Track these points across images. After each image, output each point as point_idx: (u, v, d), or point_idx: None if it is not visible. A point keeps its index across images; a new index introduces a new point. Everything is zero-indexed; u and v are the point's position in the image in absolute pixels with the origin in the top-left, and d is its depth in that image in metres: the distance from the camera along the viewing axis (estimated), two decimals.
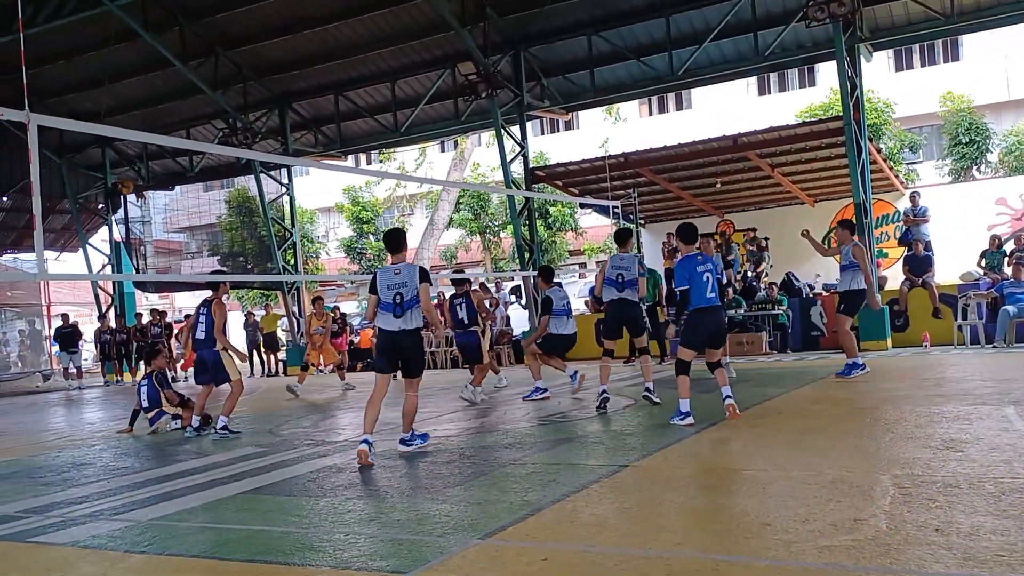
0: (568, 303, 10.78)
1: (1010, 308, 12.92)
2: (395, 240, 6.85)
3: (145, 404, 9.70)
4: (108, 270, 24.35)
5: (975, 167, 26.45)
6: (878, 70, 28.07)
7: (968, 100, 27.06)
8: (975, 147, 26.12)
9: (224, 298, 9.20)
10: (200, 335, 9.06)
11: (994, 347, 12.96)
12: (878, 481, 4.63)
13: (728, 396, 7.34)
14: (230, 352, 9.10)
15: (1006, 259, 14.86)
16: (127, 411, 10.37)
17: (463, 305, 10.64)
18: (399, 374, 6.82)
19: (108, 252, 24.64)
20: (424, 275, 6.63)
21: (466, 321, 10.58)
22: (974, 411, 6.85)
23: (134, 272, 23.81)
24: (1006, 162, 26.54)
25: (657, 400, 8.58)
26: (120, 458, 7.82)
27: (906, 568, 3.20)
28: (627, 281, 8.56)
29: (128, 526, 4.85)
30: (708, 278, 7.28)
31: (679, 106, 36.37)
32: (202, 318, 9.05)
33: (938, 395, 7.92)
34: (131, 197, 24.62)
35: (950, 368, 8.70)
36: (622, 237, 9.03)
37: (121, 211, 24.23)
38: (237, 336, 35.42)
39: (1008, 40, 27.30)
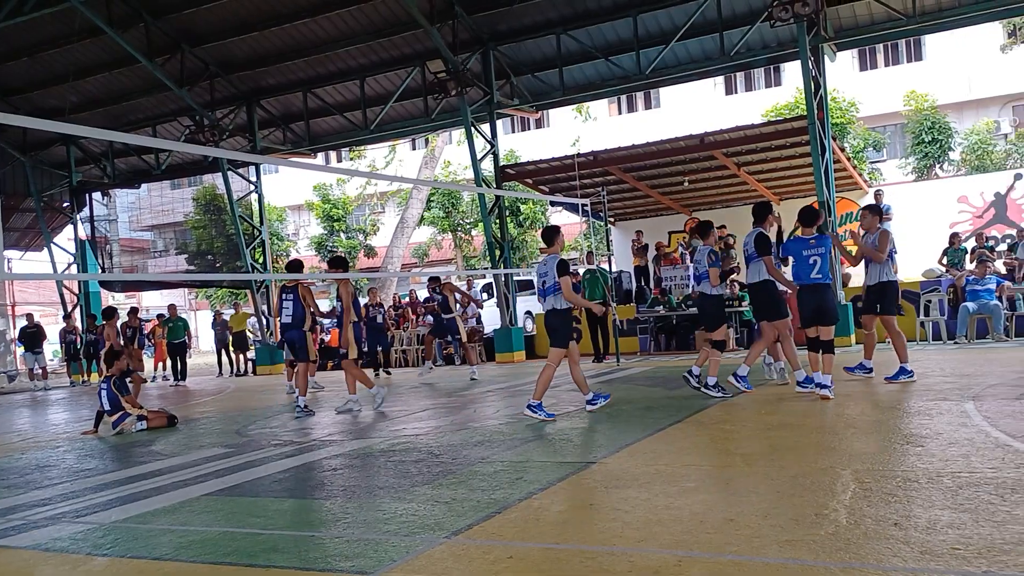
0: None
1: (970, 305, 13.17)
2: (545, 235, 8.16)
3: (107, 407, 9.61)
4: (73, 269, 24.01)
5: (938, 166, 26.89)
6: (842, 70, 28.43)
7: (931, 99, 27.51)
8: (938, 146, 26.55)
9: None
10: (287, 319, 10.16)
11: (955, 343, 13.20)
12: (839, 476, 4.70)
13: (819, 384, 7.84)
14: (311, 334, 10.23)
15: (967, 255, 15.14)
16: (92, 412, 10.25)
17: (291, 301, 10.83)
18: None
19: (73, 251, 24.30)
20: (562, 267, 7.79)
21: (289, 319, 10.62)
22: (934, 406, 6.98)
23: (100, 271, 23.50)
24: (968, 161, 27.02)
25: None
26: (84, 460, 7.73)
27: (865, 562, 3.26)
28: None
29: (91, 529, 4.81)
30: (815, 260, 7.91)
31: (648, 105, 36.59)
32: (287, 304, 10.10)
33: (899, 390, 8.05)
34: (96, 195, 24.30)
35: (912, 364, 8.83)
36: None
37: (86, 209, 23.92)
38: (206, 335, 35.10)
39: (970, 40, 27.78)
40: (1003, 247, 17.10)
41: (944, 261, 15.28)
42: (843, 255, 9.65)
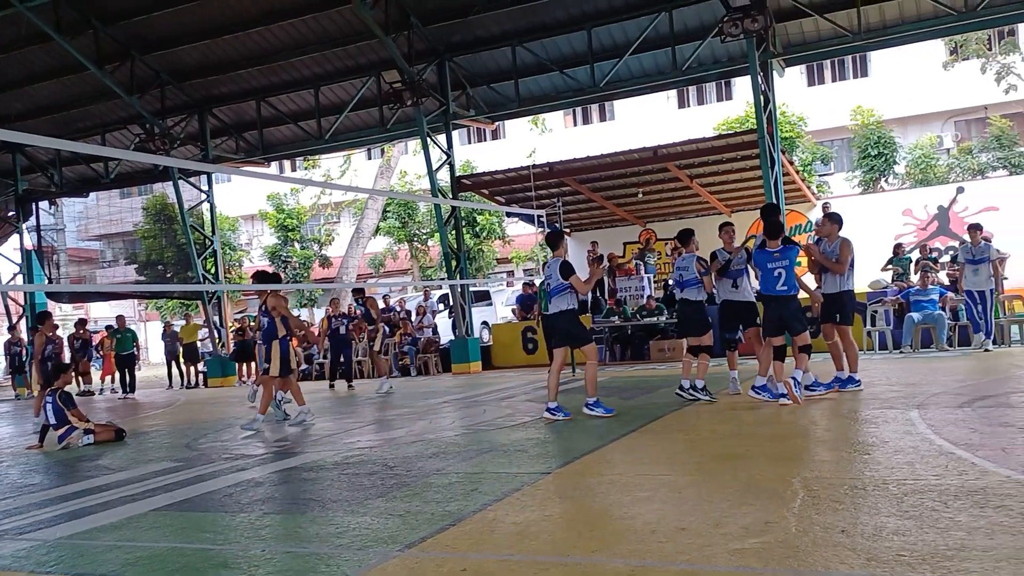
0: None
1: (915, 315, 13.48)
2: (549, 240, 8.68)
3: (52, 421, 9.38)
4: (19, 280, 23.41)
5: (883, 179, 27.55)
6: (791, 85, 28.99)
7: (876, 115, 28.20)
8: (883, 160, 27.21)
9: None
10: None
11: (901, 352, 13.50)
12: (789, 484, 4.78)
13: (793, 378, 8.10)
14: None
15: (912, 266, 15.51)
16: (38, 426, 10.00)
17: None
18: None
19: (19, 261, 23.70)
20: (567, 269, 8.26)
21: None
22: (881, 415, 7.13)
23: (46, 282, 22.96)
24: (912, 174, 27.73)
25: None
26: (28, 475, 7.54)
27: (813, 569, 3.32)
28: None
29: (34, 546, 4.69)
30: (780, 272, 8.12)
31: (603, 118, 36.93)
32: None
33: (847, 399, 8.21)
34: (43, 204, 23.76)
35: (859, 373, 9.02)
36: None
37: (33, 218, 23.36)
38: (156, 347, 34.43)
39: (913, 57, 28.55)
40: (946, 259, 17.54)
41: (889, 267, 15.63)
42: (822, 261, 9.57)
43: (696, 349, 8.99)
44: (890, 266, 15.64)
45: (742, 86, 29.76)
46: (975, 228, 12.95)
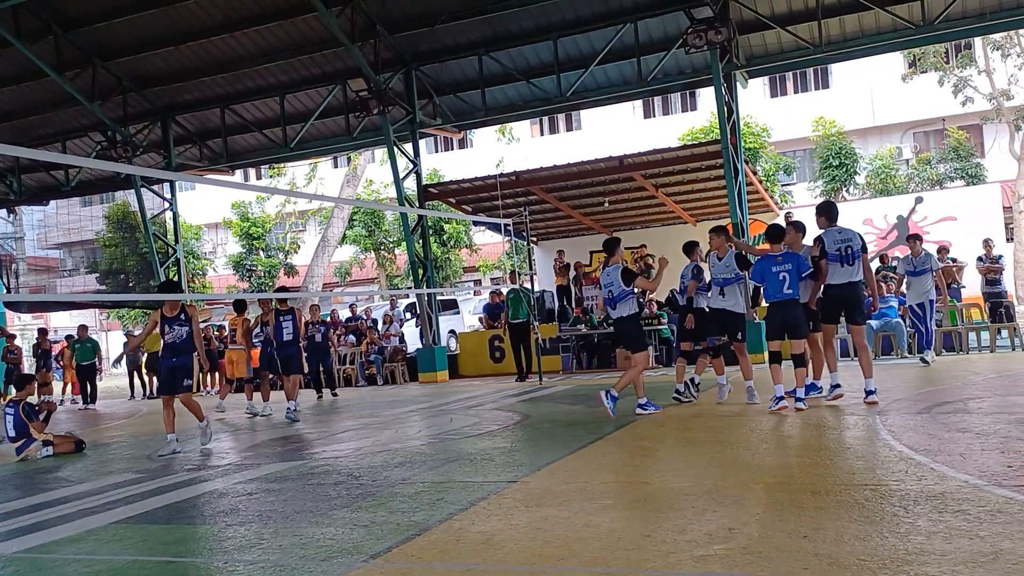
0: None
1: (875, 323, 13.68)
2: (610, 245, 8.79)
3: (11, 434, 9.19)
4: None
5: (844, 189, 28.00)
6: (755, 96, 29.39)
7: (838, 126, 28.67)
8: (844, 170, 27.66)
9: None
10: (287, 337, 11.71)
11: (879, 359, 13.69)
12: (752, 490, 4.83)
13: (792, 392, 8.08)
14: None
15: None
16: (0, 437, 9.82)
17: (289, 322, 11.89)
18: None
19: None
20: (628, 275, 8.48)
21: (291, 337, 11.84)
22: (842, 421, 7.23)
23: (5, 291, 22.53)
24: (872, 184, 28.22)
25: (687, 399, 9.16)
26: None
27: (776, 574, 3.35)
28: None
29: None
30: (785, 276, 8.03)
31: (569, 127, 37.13)
32: (287, 324, 11.67)
33: (809, 406, 8.30)
34: (2, 212, 23.33)
35: (821, 380, 9.13)
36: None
37: None
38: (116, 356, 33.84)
39: (873, 69, 29.09)
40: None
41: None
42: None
43: (690, 354, 9.39)
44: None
45: (706, 97, 30.12)
46: (914, 238, 12.76)
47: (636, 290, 8.71)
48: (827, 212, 8.51)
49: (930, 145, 31.87)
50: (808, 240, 8.78)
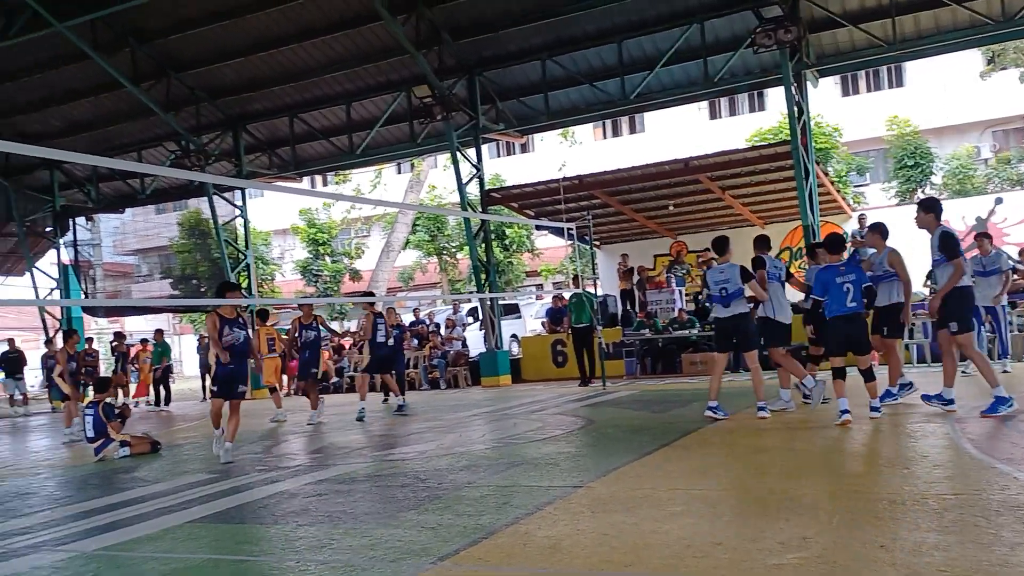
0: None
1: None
2: (720, 244, 8.61)
3: (91, 434, 9.50)
4: (56, 294, 23.82)
5: (920, 189, 27.19)
6: (826, 95, 28.78)
7: (913, 125, 27.87)
8: (919, 170, 26.87)
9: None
10: (381, 338, 11.77)
11: (941, 365, 13.22)
12: (826, 498, 4.71)
13: (875, 408, 7.62)
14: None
15: None
16: (80, 437, 10.16)
17: (383, 324, 11.87)
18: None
19: (56, 276, 24.13)
20: (746, 273, 8.32)
21: (383, 338, 11.87)
22: (919, 428, 7.01)
23: (83, 296, 23.33)
24: (949, 185, 27.36)
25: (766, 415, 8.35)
26: (65, 487, 7.64)
27: None
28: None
29: (71, 557, 4.74)
30: (848, 288, 7.61)
31: (632, 130, 36.87)
32: (380, 325, 11.73)
33: (885, 413, 8.07)
34: (80, 220, 24.19)
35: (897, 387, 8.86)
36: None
37: (70, 234, 23.80)
38: (191, 360, 34.85)
39: (949, 67, 28.22)
40: None
41: (928, 283, 15.36)
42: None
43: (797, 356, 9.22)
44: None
45: (775, 97, 29.57)
46: (983, 237, 11.97)
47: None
48: (933, 207, 8.06)
49: (1010, 144, 30.75)
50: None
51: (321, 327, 12.71)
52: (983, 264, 11.62)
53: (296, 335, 12.19)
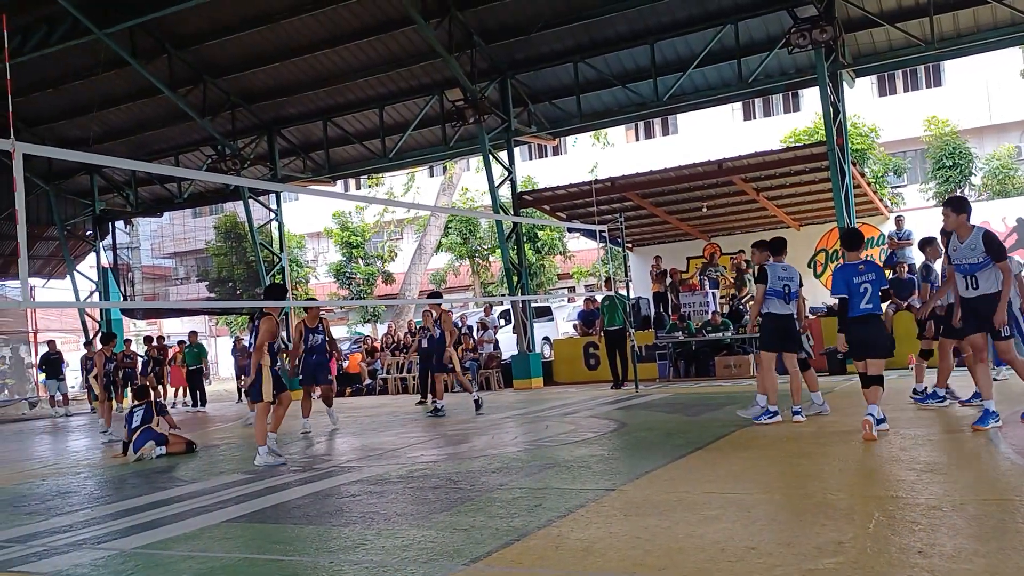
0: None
1: None
2: (780, 244, 8.53)
3: (136, 423, 9.64)
4: (96, 296, 24.25)
5: (959, 190, 26.70)
6: (862, 95, 28.42)
7: (951, 125, 27.41)
8: (958, 171, 26.39)
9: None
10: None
11: (966, 369, 12.99)
12: (862, 504, 4.65)
13: (869, 414, 6.99)
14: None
15: None
16: (119, 438, 10.33)
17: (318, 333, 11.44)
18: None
19: (96, 278, 24.56)
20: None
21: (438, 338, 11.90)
22: (959, 433, 6.88)
23: (122, 299, 23.71)
24: (989, 186, 26.84)
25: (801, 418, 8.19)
26: (104, 487, 7.77)
27: None
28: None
29: (111, 555, 4.82)
30: (867, 288, 7.15)
31: (665, 131, 36.68)
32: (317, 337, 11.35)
33: (922, 417, 7.96)
34: (119, 223, 24.60)
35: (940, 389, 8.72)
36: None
37: (109, 237, 24.21)
38: (226, 361, 35.28)
39: (989, 66, 27.72)
40: None
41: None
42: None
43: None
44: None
45: (810, 97, 29.27)
46: None
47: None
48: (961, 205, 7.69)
49: None
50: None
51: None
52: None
53: (301, 339, 11.47)
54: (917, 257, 16.51)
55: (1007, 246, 19.59)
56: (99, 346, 22.21)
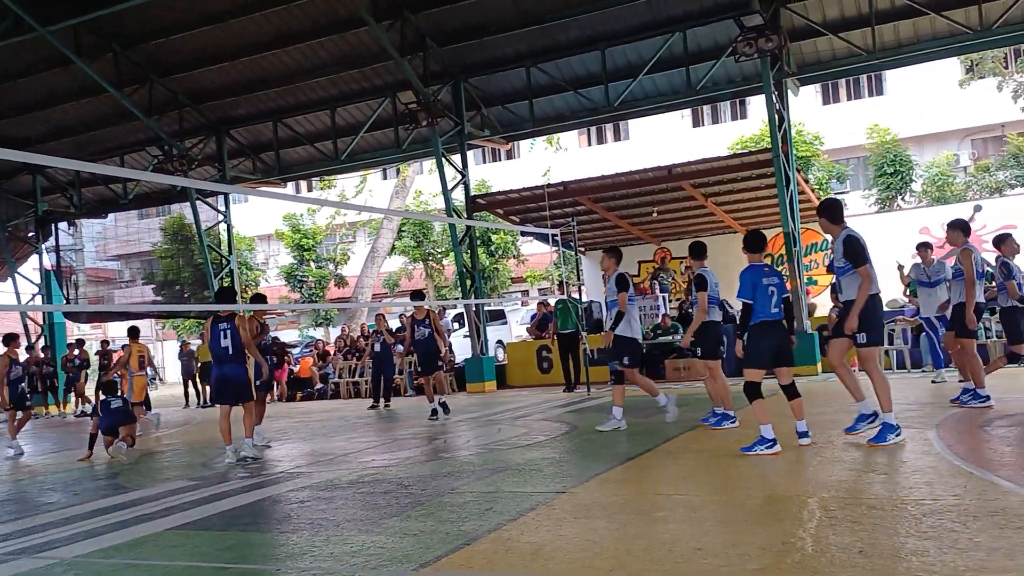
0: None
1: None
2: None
3: (112, 420, 9.53)
4: (38, 300, 23.64)
5: (899, 197, 27.43)
6: (807, 104, 28.99)
7: (892, 133, 28.13)
8: (899, 178, 27.11)
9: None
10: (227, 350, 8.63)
11: (921, 371, 13.37)
12: (806, 504, 4.75)
13: (803, 433, 6.75)
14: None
15: None
16: (56, 445, 10.08)
17: (227, 332, 8.71)
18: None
19: (38, 281, 23.94)
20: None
21: (230, 351, 8.75)
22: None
23: (65, 302, 23.17)
24: (929, 192, 27.61)
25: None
26: (45, 493, 7.58)
27: None
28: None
29: (51, 564, 4.71)
30: (773, 291, 6.77)
31: (617, 137, 37.03)
32: (227, 334, 8.58)
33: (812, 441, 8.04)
34: (63, 225, 24.03)
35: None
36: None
37: (52, 239, 23.63)
38: (173, 366, 34.66)
39: (929, 75, 28.51)
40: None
41: (907, 292, 15.49)
42: None
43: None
44: (907, 289, 15.52)
45: (757, 105, 29.81)
46: (925, 246, 11.30)
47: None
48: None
49: (989, 152, 31.09)
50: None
51: (433, 324, 12.19)
52: (927, 274, 11.15)
53: (410, 332, 12.14)
54: None
55: (946, 251, 20.23)
56: (36, 352, 21.75)
